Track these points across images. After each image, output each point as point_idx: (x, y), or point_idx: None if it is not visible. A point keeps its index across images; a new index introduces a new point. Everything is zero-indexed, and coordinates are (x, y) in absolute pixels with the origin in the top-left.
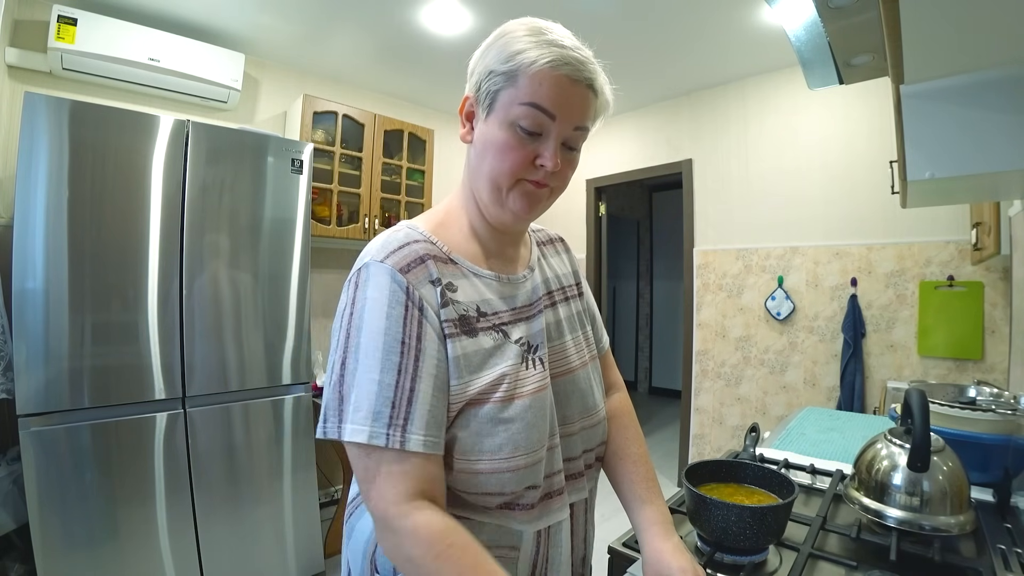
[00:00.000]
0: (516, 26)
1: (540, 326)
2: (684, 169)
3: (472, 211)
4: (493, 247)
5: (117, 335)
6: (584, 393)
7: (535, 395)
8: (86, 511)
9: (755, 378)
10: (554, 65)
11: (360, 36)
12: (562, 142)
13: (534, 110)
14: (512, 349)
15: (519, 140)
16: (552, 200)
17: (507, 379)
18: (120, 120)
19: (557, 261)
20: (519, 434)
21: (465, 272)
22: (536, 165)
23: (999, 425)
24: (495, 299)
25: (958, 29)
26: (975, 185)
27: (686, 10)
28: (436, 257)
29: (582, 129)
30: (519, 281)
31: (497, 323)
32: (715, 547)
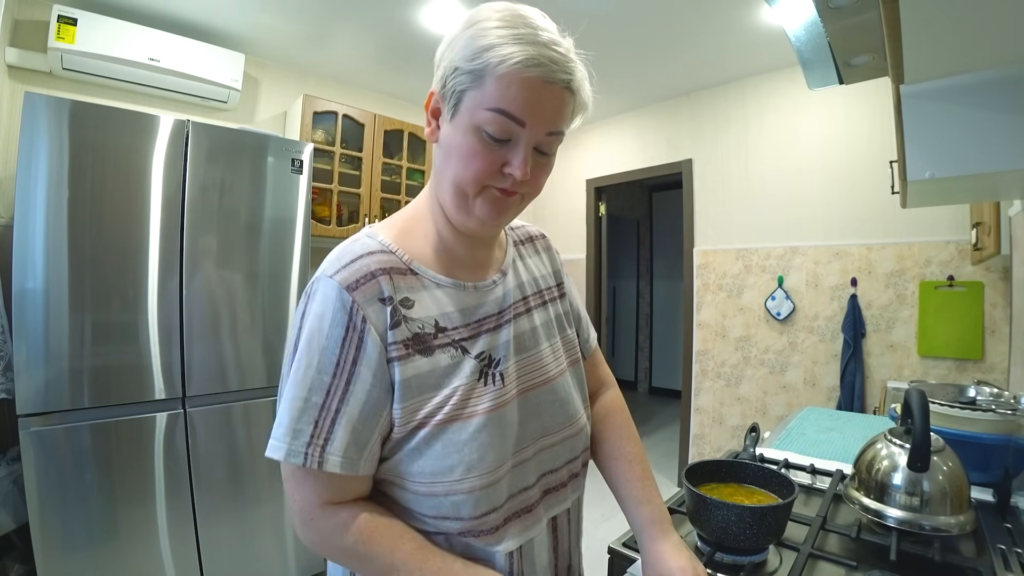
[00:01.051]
0: (488, 13)
1: (506, 337)
2: (684, 169)
3: (438, 215)
4: (461, 252)
5: (117, 335)
6: (564, 402)
7: (491, 413)
8: (86, 511)
9: (755, 378)
10: (525, 65)
11: (360, 36)
12: (534, 147)
13: (501, 116)
14: (469, 365)
15: (485, 146)
16: (524, 205)
17: (457, 398)
18: (120, 120)
19: (536, 261)
20: (472, 455)
21: (426, 283)
22: (504, 173)
23: (999, 425)
24: (455, 312)
25: (958, 29)
26: (975, 185)
27: (686, 10)
28: (393, 269)
29: (556, 134)
30: (488, 288)
31: (456, 338)
32: (715, 547)
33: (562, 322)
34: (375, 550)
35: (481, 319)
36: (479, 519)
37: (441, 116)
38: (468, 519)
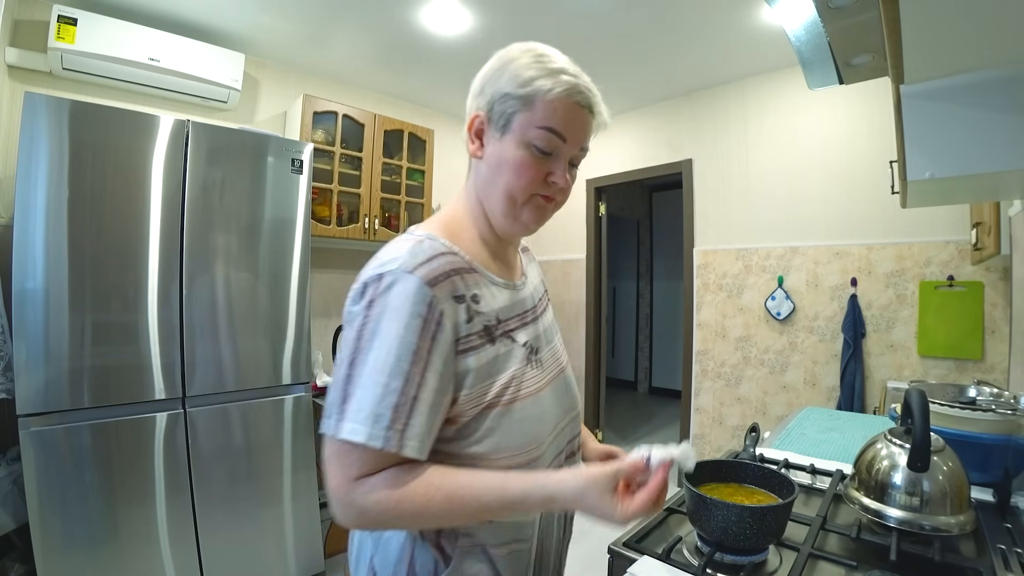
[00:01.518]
0: (520, 52)
1: (540, 329)
2: (684, 169)
3: (480, 220)
4: (501, 254)
5: (117, 335)
6: (570, 387)
7: (539, 394)
8: (86, 511)
9: (755, 378)
10: (568, 93)
11: (360, 36)
12: (568, 161)
13: (549, 133)
14: (519, 352)
15: (534, 159)
16: (554, 212)
17: (515, 381)
18: (120, 120)
19: (535, 269)
20: (532, 430)
21: (486, 282)
22: (548, 182)
23: (999, 425)
24: (507, 306)
25: (958, 29)
26: (975, 185)
27: (686, 10)
28: (462, 269)
29: (584, 149)
30: (521, 286)
31: (507, 329)
32: (715, 547)
33: (558, 324)
34: (456, 490)
35: (522, 313)
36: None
37: (486, 135)
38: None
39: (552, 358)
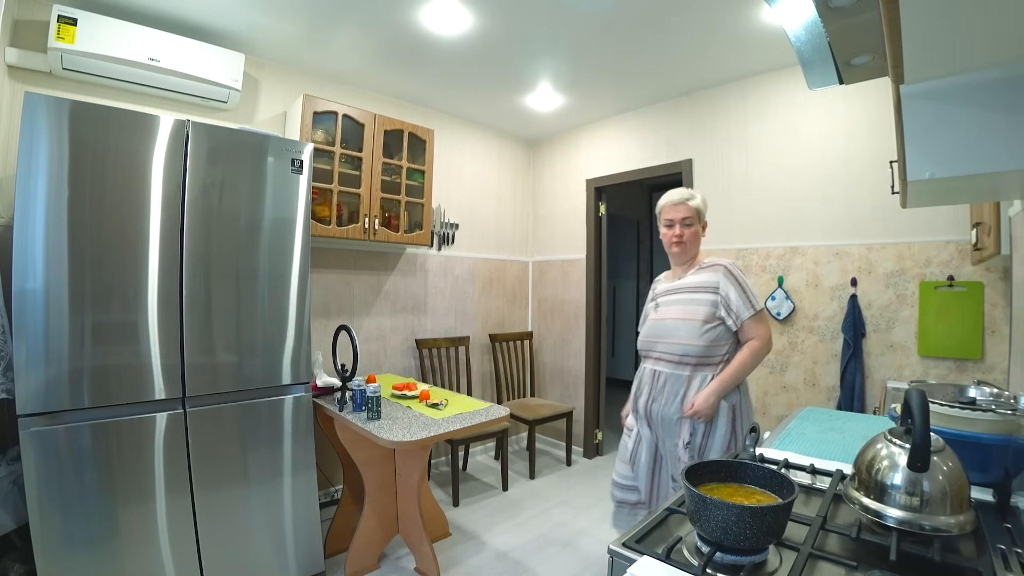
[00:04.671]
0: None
1: (666, 300)
2: (684, 169)
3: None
4: (672, 272)
5: (117, 335)
6: (674, 329)
7: (651, 319)
8: (86, 511)
9: (755, 378)
10: (667, 203)
11: (360, 36)
12: (681, 223)
13: (666, 219)
14: (654, 304)
15: (667, 229)
16: (688, 248)
17: (646, 312)
18: (120, 120)
19: (701, 277)
20: (644, 331)
21: (660, 282)
22: (674, 236)
23: (999, 425)
24: (662, 289)
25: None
26: (975, 185)
27: (686, 10)
28: (657, 280)
29: (688, 218)
30: (672, 283)
31: (656, 297)
32: (715, 547)
33: (694, 301)
34: None
35: (663, 292)
36: (640, 349)
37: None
38: (640, 349)
39: (664, 312)
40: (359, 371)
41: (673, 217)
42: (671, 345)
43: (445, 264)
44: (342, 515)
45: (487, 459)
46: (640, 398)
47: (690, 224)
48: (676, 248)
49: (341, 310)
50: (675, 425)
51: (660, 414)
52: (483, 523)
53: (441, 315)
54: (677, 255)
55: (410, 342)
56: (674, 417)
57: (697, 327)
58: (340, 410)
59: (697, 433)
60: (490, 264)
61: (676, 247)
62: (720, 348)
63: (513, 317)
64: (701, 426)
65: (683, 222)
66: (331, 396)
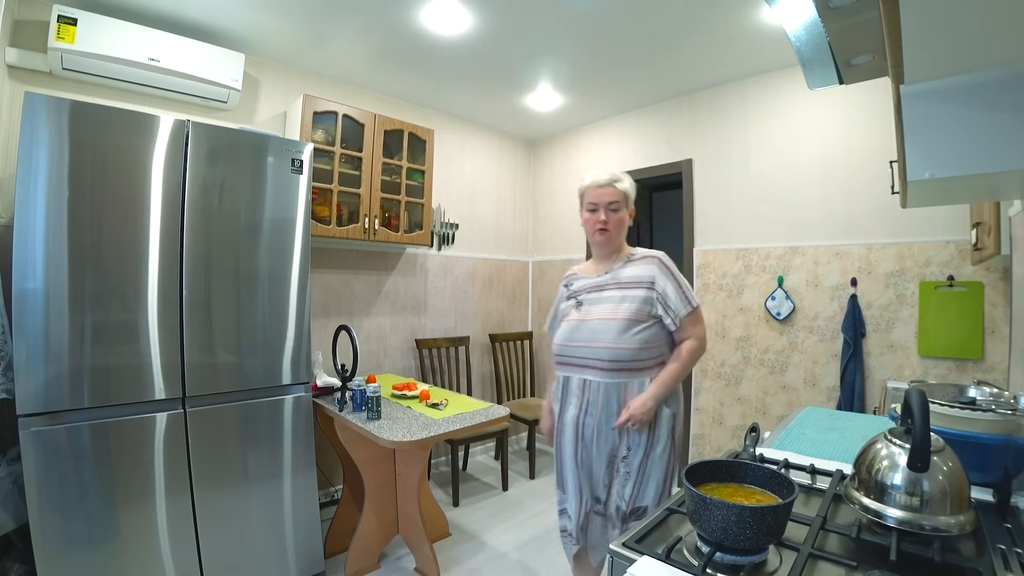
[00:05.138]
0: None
1: (589, 297)
2: (684, 169)
3: (592, 249)
4: (592, 264)
5: (117, 335)
6: (601, 331)
7: (571, 321)
8: (86, 511)
9: (755, 378)
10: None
11: (360, 36)
12: (608, 209)
13: (590, 203)
14: (572, 301)
15: (590, 214)
16: (613, 235)
17: (563, 312)
18: (120, 120)
19: (633, 269)
20: (564, 333)
21: (578, 277)
22: (598, 221)
23: (999, 425)
24: (581, 285)
25: (958, 29)
26: (975, 185)
27: (686, 10)
28: (571, 275)
29: (614, 202)
30: (594, 279)
31: (576, 294)
32: (715, 547)
33: (626, 299)
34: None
35: (585, 289)
36: (556, 356)
37: (581, 213)
38: (556, 356)
39: (589, 312)
40: (359, 371)
41: (597, 201)
42: (601, 349)
43: (445, 264)
44: (342, 515)
45: (487, 459)
46: (567, 412)
47: (616, 209)
48: (600, 236)
49: (341, 310)
50: (610, 440)
51: (596, 429)
52: (483, 523)
53: (441, 315)
54: (601, 244)
55: (410, 342)
56: (610, 436)
57: (630, 327)
58: (340, 410)
59: (636, 446)
60: (490, 264)
61: (600, 235)
62: (655, 350)
63: (513, 317)
64: (640, 438)
65: (608, 207)
66: (331, 396)
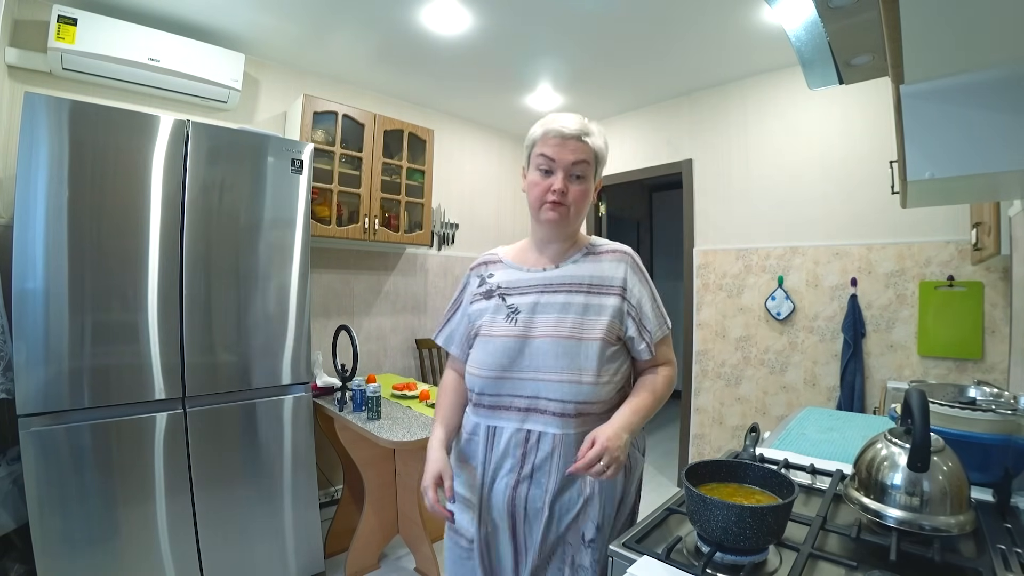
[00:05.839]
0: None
1: (531, 300)
2: (684, 169)
3: (532, 229)
4: (531, 252)
5: (117, 335)
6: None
7: (501, 339)
8: (86, 511)
9: (755, 378)
10: (548, 131)
11: (360, 36)
12: (569, 174)
13: (543, 159)
14: (502, 308)
15: (540, 178)
16: (572, 214)
17: (485, 324)
18: (120, 120)
19: (599, 266)
20: (484, 357)
21: (505, 266)
22: (552, 191)
23: (999, 425)
24: (512, 280)
25: (958, 29)
26: (975, 185)
27: (686, 10)
28: (490, 262)
29: (579, 163)
30: (535, 271)
31: (503, 293)
32: (715, 547)
33: (591, 309)
34: (439, 393)
35: (520, 287)
36: (478, 394)
37: (525, 173)
38: (478, 393)
39: (541, 324)
40: (359, 371)
41: (556, 158)
42: (556, 384)
43: (445, 264)
44: (342, 515)
45: None
46: (497, 482)
47: (582, 176)
48: (552, 213)
49: (341, 310)
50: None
51: (547, 508)
52: None
53: (441, 315)
54: (551, 226)
55: (410, 342)
56: (571, 509)
57: (597, 352)
58: (340, 410)
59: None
60: None
61: (552, 211)
62: (628, 388)
63: None
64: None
65: (571, 170)
66: (331, 396)
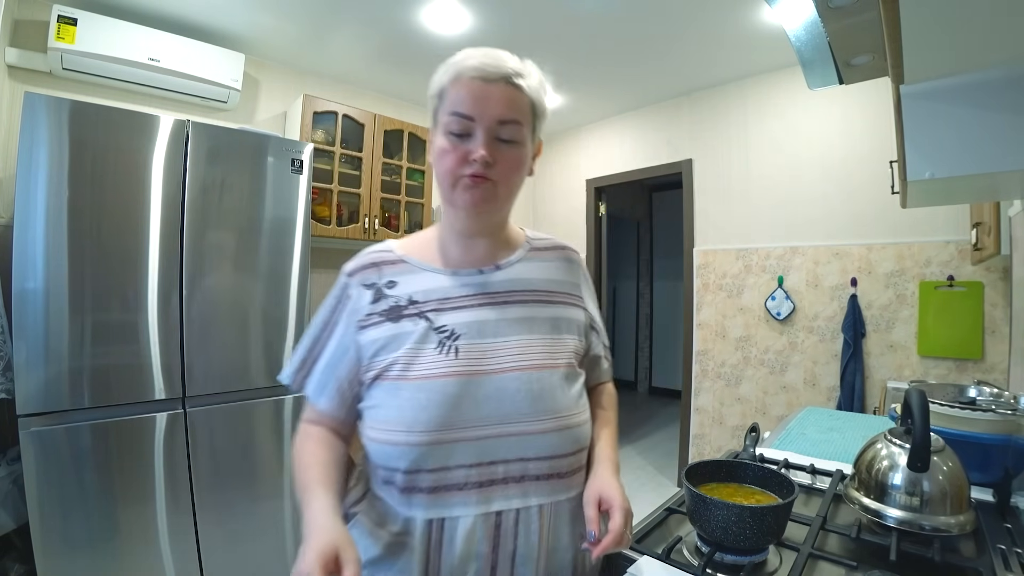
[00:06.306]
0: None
1: (471, 318)
2: (684, 169)
3: (446, 221)
4: (453, 248)
5: (117, 335)
6: (534, 396)
7: (437, 379)
8: (86, 511)
9: (755, 378)
10: (466, 72)
11: (360, 36)
12: (495, 136)
13: (455, 117)
14: (428, 332)
15: (451, 144)
16: (503, 193)
17: (402, 361)
18: (120, 120)
19: (550, 267)
20: (409, 412)
21: (412, 269)
22: (470, 160)
23: (999, 425)
24: (433, 288)
25: (958, 29)
26: (975, 185)
27: (686, 10)
28: (384, 262)
29: (509, 122)
30: (469, 275)
31: (424, 310)
32: (715, 547)
33: (560, 324)
34: (296, 461)
35: (451, 298)
36: (409, 475)
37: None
38: (405, 472)
39: (493, 353)
40: None
41: (477, 112)
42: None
43: None
44: None
45: None
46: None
47: (513, 140)
48: (474, 193)
49: None
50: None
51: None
52: None
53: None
54: (474, 211)
55: None
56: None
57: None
58: None
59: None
60: None
61: (475, 189)
62: None
63: None
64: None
65: (500, 130)
66: None
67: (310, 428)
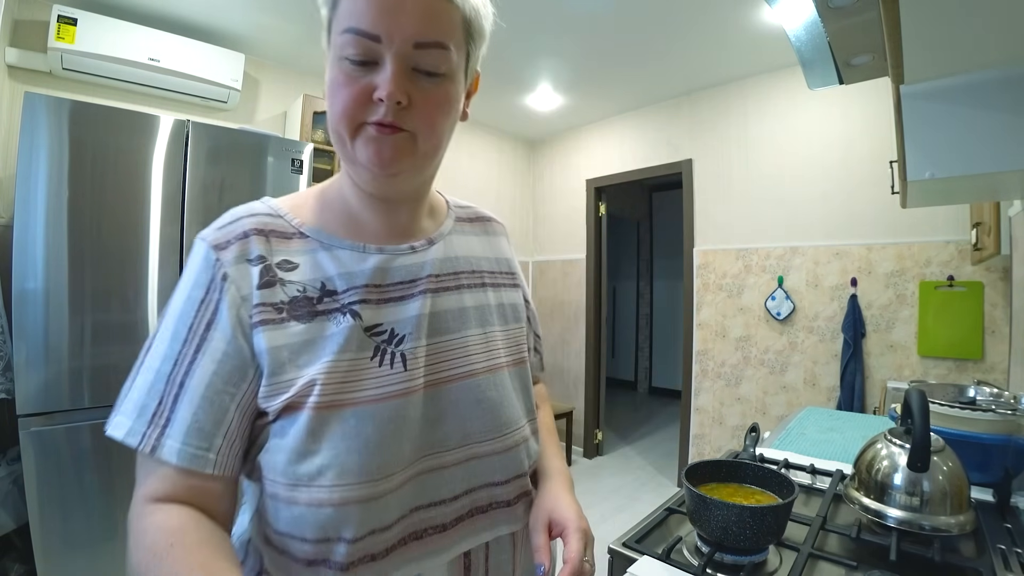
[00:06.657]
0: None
1: (416, 312)
2: (684, 169)
3: (347, 181)
4: (368, 217)
5: (117, 335)
6: (494, 406)
7: (384, 403)
8: (86, 511)
9: (755, 378)
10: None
11: None
12: (413, 67)
13: (354, 35)
14: (359, 337)
15: (347, 76)
16: (425, 147)
17: (339, 374)
18: (120, 120)
19: (483, 242)
20: (349, 456)
21: (316, 246)
22: (374, 100)
23: (999, 425)
24: (354, 273)
25: (958, 29)
26: (975, 185)
27: (686, 10)
28: (273, 232)
29: (431, 45)
30: (400, 253)
31: (347, 302)
32: (715, 547)
33: (507, 312)
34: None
35: (381, 285)
36: (359, 543)
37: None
38: (349, 542)
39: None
40: None
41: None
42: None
43: None
44: None
45: None
46: None
47: (437, 72)
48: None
49: None
50: None
51: None
52: None
53: None
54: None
55: None
56: None
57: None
58: None
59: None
60: None
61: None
62: None
63: None
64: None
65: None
66: None
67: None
